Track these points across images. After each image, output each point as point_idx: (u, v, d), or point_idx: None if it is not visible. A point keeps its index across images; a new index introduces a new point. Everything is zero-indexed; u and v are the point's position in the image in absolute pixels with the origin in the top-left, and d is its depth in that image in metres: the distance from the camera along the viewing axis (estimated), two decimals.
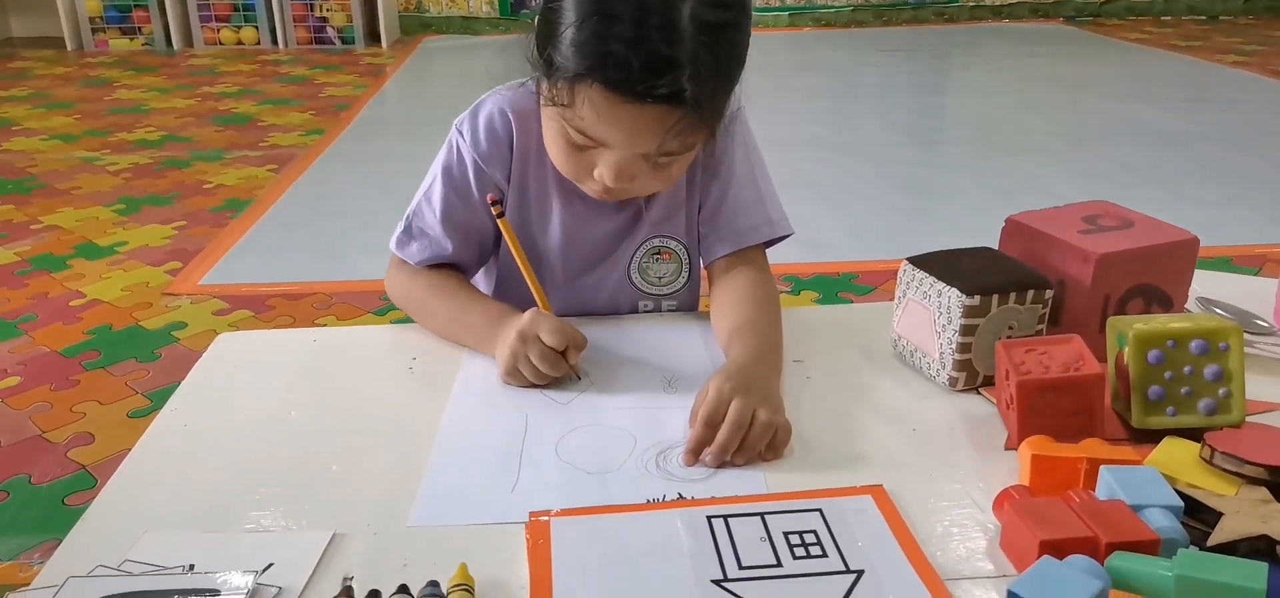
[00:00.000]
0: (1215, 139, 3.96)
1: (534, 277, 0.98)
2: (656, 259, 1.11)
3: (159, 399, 2.01)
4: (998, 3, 7.14)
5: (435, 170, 1.07)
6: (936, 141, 4.15)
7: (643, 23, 0.81)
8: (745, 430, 0.80)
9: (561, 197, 1.06)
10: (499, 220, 0.97)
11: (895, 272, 0.96)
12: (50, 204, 3.28)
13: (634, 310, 1.13)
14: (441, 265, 1.07)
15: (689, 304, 1.15)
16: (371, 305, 2.44)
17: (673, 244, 1.11)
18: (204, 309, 2.45)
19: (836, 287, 2.56)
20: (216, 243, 2.92)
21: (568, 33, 0.83)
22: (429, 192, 1.06)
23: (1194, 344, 0.80)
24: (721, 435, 0.80)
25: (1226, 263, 2.59)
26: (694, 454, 0.80)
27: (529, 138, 1.04)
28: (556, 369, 0.92)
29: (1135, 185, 3.34)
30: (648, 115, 0.85)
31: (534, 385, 0.92)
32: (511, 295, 1.08)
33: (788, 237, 1.09)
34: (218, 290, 2.57)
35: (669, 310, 1.14)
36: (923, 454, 0.82)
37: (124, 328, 2.36)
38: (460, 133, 1.05)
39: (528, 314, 0.93)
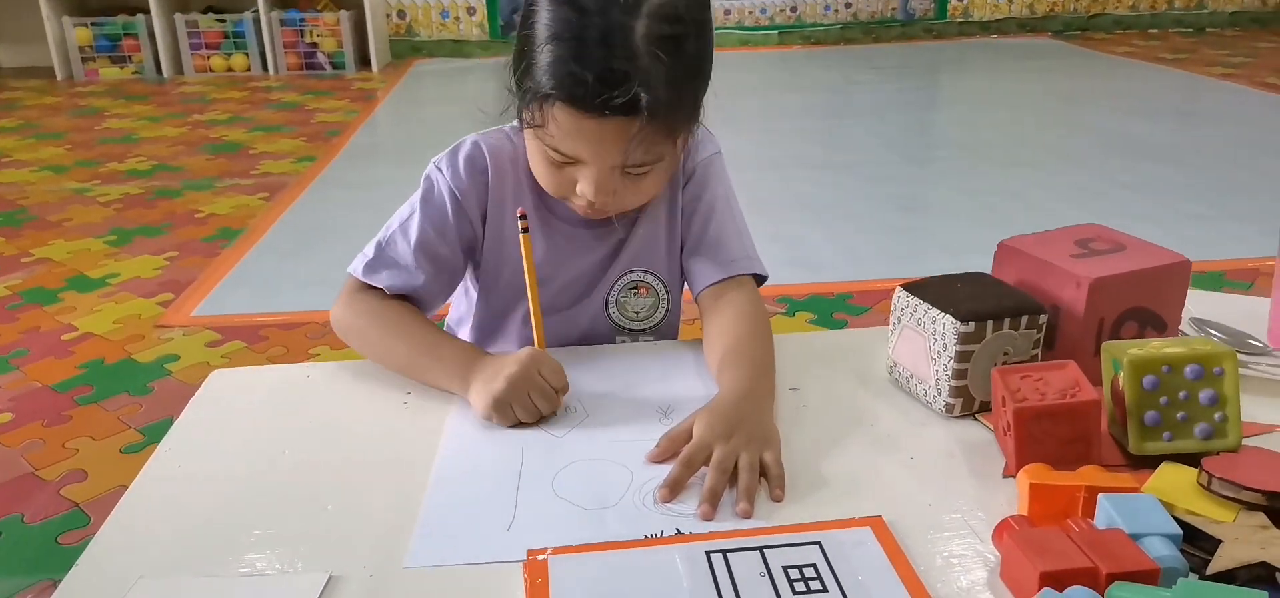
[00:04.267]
0: (1205, 152, 3.99)
1: (538, 308, 0.98)
2: (634, 294, 1.12)
3: (152, 434, 2.00)
4: (986, 18, 7.19)
5: (414, 202, 1.08)
6: (928, 159, 4.16)
7: (603, 43, 0.89)
8: (730, 474, 0.80)
9: (540, 232, 1.07)
10: (522, 236, 0.97)
11: (890, 291, 0.97)
12: (41, 236, 3.27)
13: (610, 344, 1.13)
14: (398, 300, 1.06)
15: (667, 337, 1.16)
16: None
17: (650, 278, 1.12)
18: (196, 341, 2.44)
19: (831, 307, 2.56)
20: (209, 273, 2.91)
21: (537, 59, 0.91)
22: (406, 224, 1.07)
23: (1188, 369, 0.80)
24: (709, 481, 0.79)
25: (1219, 277, 2.60)
26: (670, 490, 0.79)
27: (504, 177, 1.07)
28: (552, 407, 0.92)
29: (1126, 200, 3.36)
30: (609, 128, 0.91)
31: (519, 425, 0.91)
32: (493, 306, 1.12)
33: (765, 279, 1.11)
34: (210, 321, 2.56)
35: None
36: (921, 483, 0.82)
37: (116, 361, 2.35)
38: (439, 169, 1.08)
39: (526, 353, 0.93)
